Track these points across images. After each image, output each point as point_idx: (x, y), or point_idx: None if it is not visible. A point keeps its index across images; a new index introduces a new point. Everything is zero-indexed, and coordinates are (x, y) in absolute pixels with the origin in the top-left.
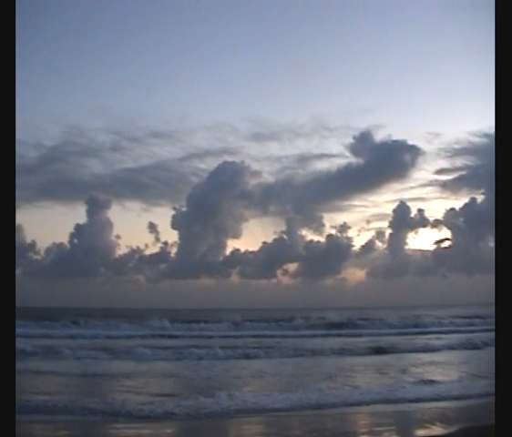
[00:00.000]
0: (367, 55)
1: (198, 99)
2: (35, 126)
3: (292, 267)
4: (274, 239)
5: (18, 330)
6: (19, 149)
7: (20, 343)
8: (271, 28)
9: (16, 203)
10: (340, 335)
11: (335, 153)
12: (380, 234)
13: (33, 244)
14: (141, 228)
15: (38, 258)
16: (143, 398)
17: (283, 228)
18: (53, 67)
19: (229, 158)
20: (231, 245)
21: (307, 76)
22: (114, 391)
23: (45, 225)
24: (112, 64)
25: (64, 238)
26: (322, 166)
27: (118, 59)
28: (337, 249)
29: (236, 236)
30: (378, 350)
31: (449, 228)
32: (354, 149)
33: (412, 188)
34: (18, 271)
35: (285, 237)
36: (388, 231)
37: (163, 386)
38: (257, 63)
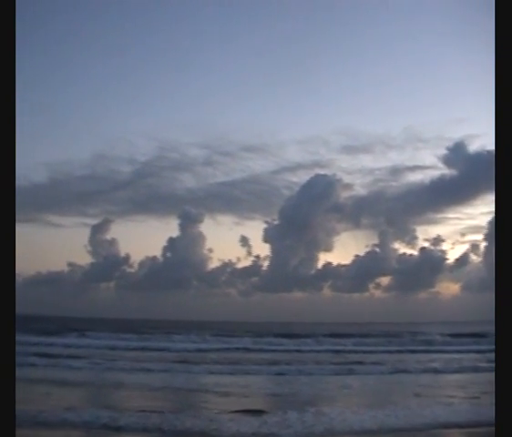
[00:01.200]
0: (460, 65)
1: (289, 113)
2: (129, 141)
3: (385, 280)
4: (366, 253)
5: (108, 342)
6: (114, 165)
7: (108, 354)
8: (361, 41)
9: (111, 218)
10: (433, 351)
11: (428, 164)
12: (475, 247)
13: (127, 257)
14: (233, 241)
15: (132, 271)
16: (230, 415)
17: (376, 241)
18: (145, 84)
19: (320, 171)
20: (323, 258)
21: (399, 88)
22: (200, 407)
23: (138, 238)
24: (204, 79)
25: (157, 251)
26: (414, 177)
27: (209, 75)
28: (431, 263)
29: (328, 249)
30: (473, 368)
31: None
32: (448, 160)
33: None
34: (112, 284)
35: (378, 250)
36: (483, 244)
37: (250, 401)
38: (348, 76)
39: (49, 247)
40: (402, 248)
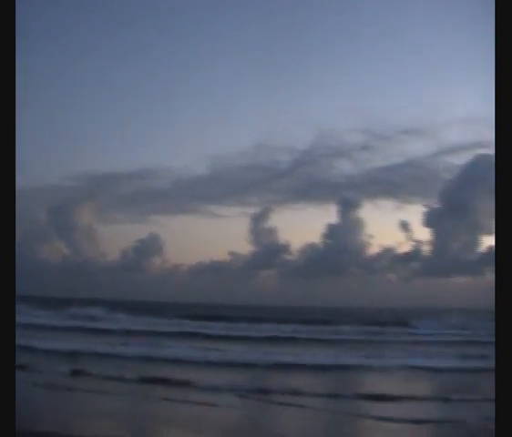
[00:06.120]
0: None
1: (447, 92)
2: (288, 130)
3: None
4: None
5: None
6: (273, 155)
7: None
8: None
9: (270, 206)
10: None
11: None
12: None
13: (286, 245)
14: (393, 226)
15: (292, 258)
16: None
17: None
18: (301, 73)
19: (482, 152)
20: (486, 242)
21: None
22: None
23: (297, 226)
24: (361, 66)
25: (316, 238)
26: None
27: (365, 61)
28: None
29: (491, 232)
30: None
31: None
32: None
33: None
34: (272, 272)
35: None
36: None
37: None
38: None
39: (211, 237)
40: None
